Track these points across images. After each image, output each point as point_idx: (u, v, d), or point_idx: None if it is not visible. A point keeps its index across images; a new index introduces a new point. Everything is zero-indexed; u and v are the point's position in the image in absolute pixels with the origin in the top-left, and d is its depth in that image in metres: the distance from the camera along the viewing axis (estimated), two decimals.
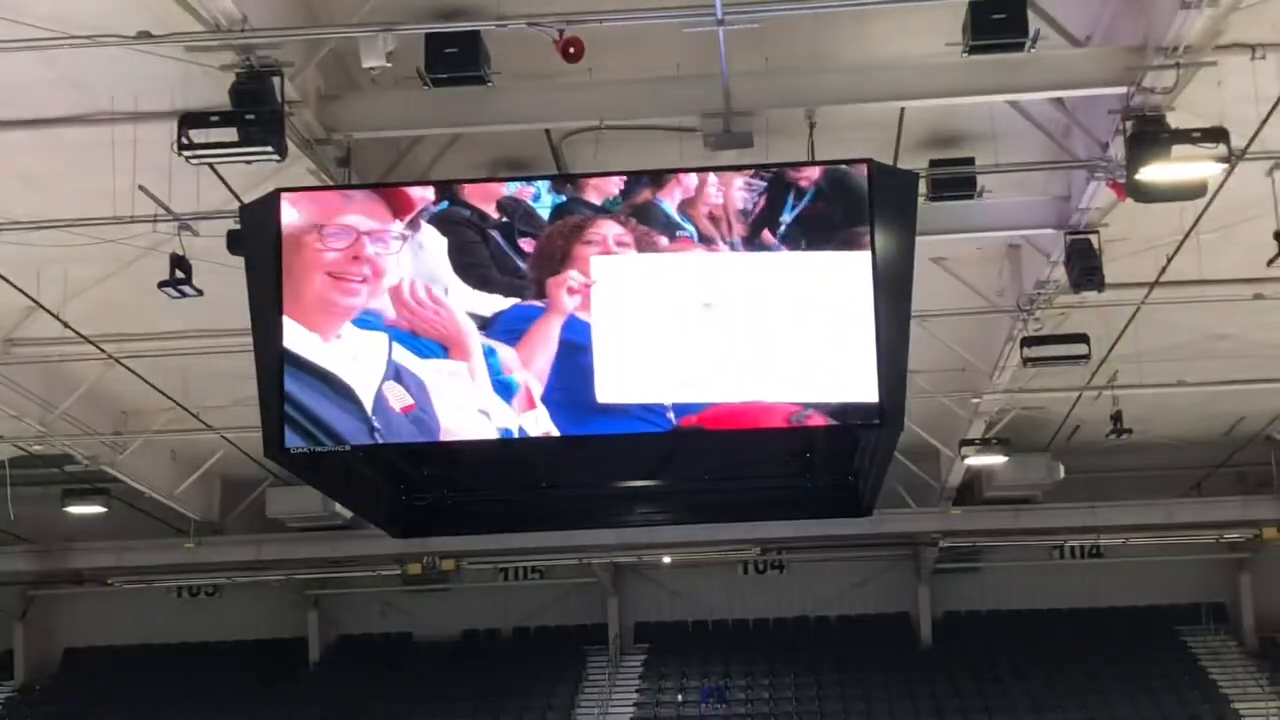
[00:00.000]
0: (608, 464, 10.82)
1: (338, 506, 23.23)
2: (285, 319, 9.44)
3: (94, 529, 26.42)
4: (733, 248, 9.37)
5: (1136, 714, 28.22)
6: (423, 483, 11.29)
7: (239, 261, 10.56)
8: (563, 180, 9.98)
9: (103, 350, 17.50)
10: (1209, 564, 30.47)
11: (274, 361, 9.44)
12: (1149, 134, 11.02)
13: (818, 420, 9.42)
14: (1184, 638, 30.79)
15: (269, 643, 32.11)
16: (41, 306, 15.96)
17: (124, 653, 31.70)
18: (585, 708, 30.30)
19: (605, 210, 9.50)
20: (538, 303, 9.37)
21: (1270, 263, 13.67)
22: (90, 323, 16.82)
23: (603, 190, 9.54)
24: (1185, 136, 10.95)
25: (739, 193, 9.44)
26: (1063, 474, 24.61)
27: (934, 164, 13.37)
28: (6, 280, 15.20)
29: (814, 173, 9.51)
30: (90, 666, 31.99)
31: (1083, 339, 16.59)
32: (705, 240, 9.40)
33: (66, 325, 16.30)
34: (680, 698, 30.33)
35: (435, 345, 9.45)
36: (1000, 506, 26.35)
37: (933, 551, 29.69)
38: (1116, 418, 20.96)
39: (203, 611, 31.37)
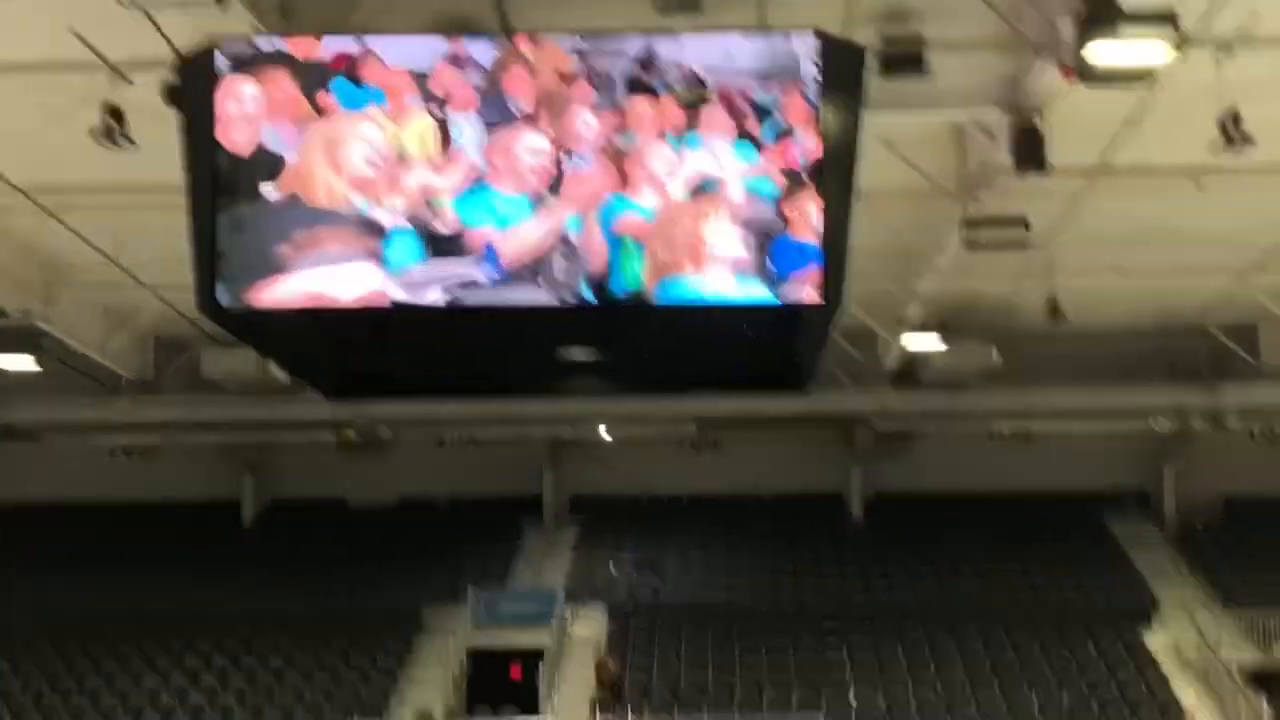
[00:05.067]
0: (546, 334, 10.73)
1: (273, 368, 23.11)
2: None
3: (26, 383, 26.14)
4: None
5: (1058, 594, 28.90)
6: (358, 345, 11.18)
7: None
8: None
9: (36, 203, 17.19)
10: (1136, 451, 31.02)
11: (207, 214, 9.29)
12: (1099, 16, 10.97)
13: (757, 293, 9.36)
14: (1107, 522, 31.43)
15: (203, 505, 32.14)
16: None
17: (54, 510, 31.59)
18: (520, 576, 30.63)
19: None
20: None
21: (1213, 152, 13.70)
22: (24, 172, 16.50)
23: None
24: (1135, 19, 10.91)
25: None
26: (998, 359, 24.83)
27: (884, 40, 13.23)
28: None
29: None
30: (19, 524, 31.85)
31: (1024, 222, 16.62)
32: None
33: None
34: (613, 569, 30.70)
35: None
36: (935, 389, 26.57)
37: (867, 432, 30.03)
38: (1053, 304, 21.12)
39: (136, 471, 31.27)
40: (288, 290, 9.33)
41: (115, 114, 12.89)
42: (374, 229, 9.22)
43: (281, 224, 9.28)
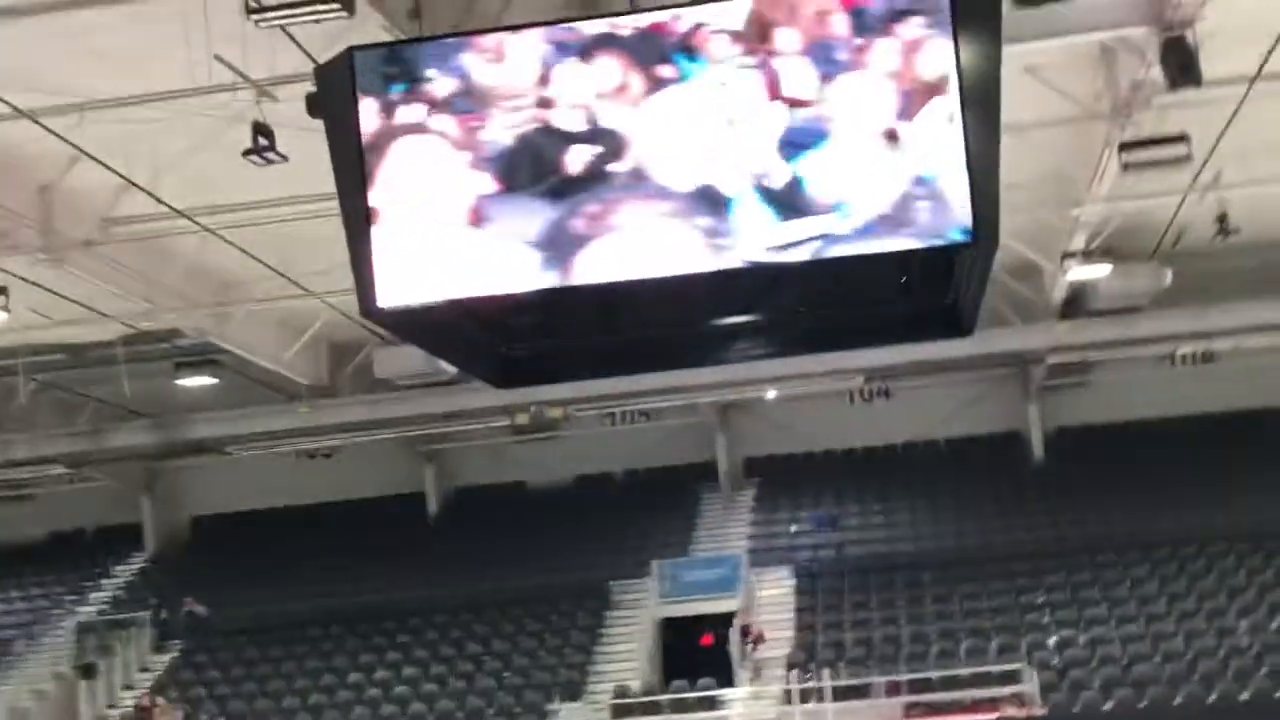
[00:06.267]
0: (701, 301, 10.67)
1: (443, 363, 23.48)
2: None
3: (209, 400, 27.01)
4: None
5: (1259, 519, 27.95)
6: (521, 332, 11.26)
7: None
8: None
9: (198, 223, 17.68)
10: None
11: (360, 220, 9.40)
12: None
13: (909, 244, 9.14)
14: None
15: (388, 499, 32.88)
16: (134, 184, 16.11)
17: (249, 518, 32.64)
18: (701, 544, 30.73)
19: None
20: None
21: None
22: (183, 197, 16.97)
23: None
24: None
25: None
26: (1170, 280, 24.13)
27: None
28: (97, 160, 15.35)
29: None
30: (217, 533, 33.01)
31: (1183, 139, 16.11)
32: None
33: (160, 201, 16.47)
34: (794, 528, 30.61)
35: None
36: (1107, 317, 25.93)
37: (1040, 368, 29.47)
38: (1222, 218, 20.46)
39: (321, 473, 32.12)
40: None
41: (263, 131, 13.17)
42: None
43: None
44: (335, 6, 10.09)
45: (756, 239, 8.98)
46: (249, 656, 29.03)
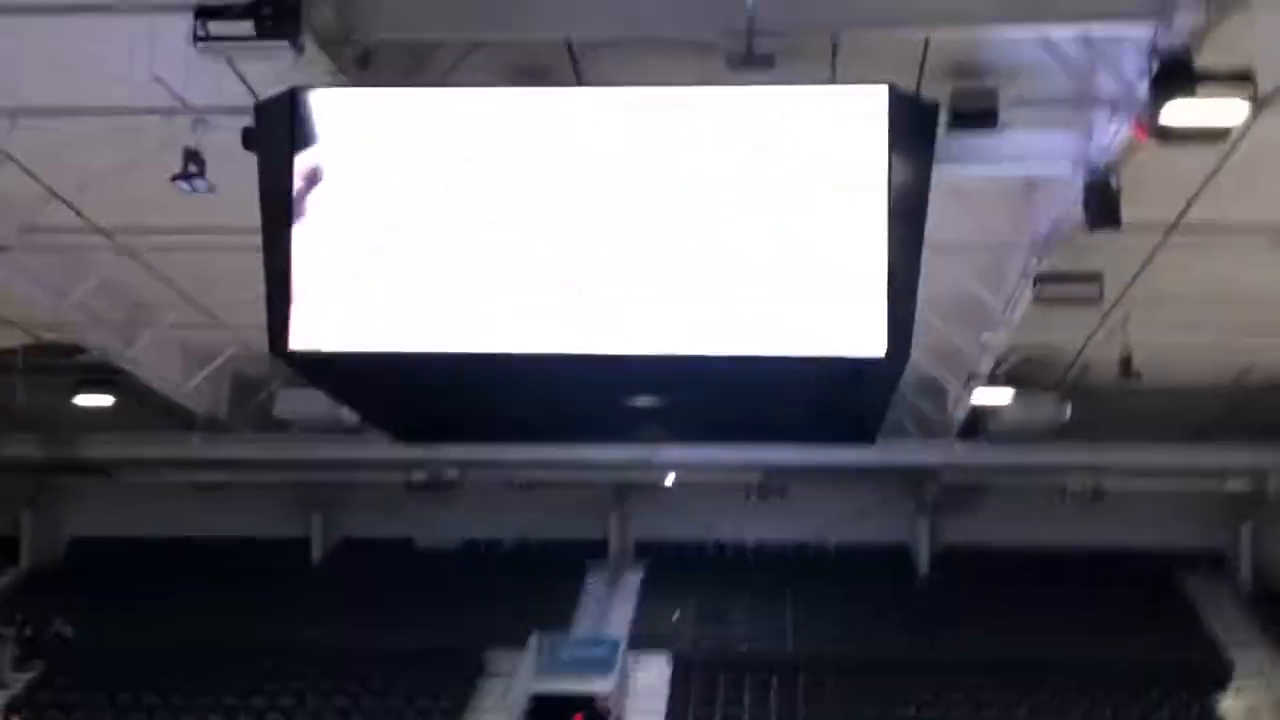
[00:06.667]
0: (612, 380, 10.76)
1: (344, 410, 23.31)
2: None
3: (102, 420, 26.56)
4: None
5: (1129, 657, 28.39)
6: (427, 390, 11.27)
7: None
8: None
9: (116, 242, 17.51)
10: (1211, 511, 30.55)
11: (281, 260, 9.42)
12: (1174, 74, 10.89)
13: (819, 354, 9.29)
14: (1181, 583, 30.96)
15: (272, 541, 32.42)
16: (57, 195, 15.94)
17: (128, 544, 32.01)
18: (583, 622, 30.59)
19: None
20: None
21: None
22: (107, 214, 16.80)
23: None
24: (1211, 78, 10.82)
25: None
26: (1069, 414, 24.60)
27: (955, 94, 13.21)
28: (22, 167, 15.18)
29: None
30: (95, 556, 32.33)
31: (1096, 279, 16.51)
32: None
33: (80, 214, 16.29)
34: (676, 615, 30.57)
35: None
36: (1005, 443, 26.36)
37: (934, 485, 29.82)
38: (1126, 360, 20.92)
39: (206, 507, 31.62)
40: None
41: (195, 159, 13.11)
42: None
43: None
44: (284, 44, 10.12)
45: (691, 327, 9.12)
46: (111, 684, 28.33)
